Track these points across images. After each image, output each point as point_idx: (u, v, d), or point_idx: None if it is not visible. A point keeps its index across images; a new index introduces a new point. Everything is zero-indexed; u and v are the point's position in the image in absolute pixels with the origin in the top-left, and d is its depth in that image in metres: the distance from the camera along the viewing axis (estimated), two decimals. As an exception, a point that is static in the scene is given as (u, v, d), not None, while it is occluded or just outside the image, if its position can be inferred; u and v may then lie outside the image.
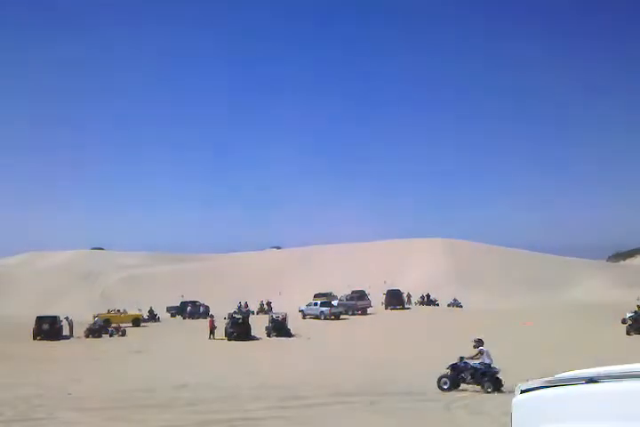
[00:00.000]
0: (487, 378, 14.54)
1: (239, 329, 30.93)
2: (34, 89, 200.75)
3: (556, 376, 3.24)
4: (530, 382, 3.30)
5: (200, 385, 16.18)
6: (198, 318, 46.72)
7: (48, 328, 33.68)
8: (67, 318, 36.47)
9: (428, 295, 56.15)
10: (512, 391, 3.43)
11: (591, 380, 2.85)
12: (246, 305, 53.60)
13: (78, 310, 48.59)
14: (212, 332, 31.63)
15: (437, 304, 54.27)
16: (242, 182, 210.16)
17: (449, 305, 52.98)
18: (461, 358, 15.03)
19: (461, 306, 52.02)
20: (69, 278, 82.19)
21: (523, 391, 3.35)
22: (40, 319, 34.35)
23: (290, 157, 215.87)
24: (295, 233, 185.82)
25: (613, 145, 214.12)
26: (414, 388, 15.22)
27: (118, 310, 44.95)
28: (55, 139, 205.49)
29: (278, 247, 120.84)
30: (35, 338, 33.01)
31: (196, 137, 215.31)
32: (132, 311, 44.96)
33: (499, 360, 15.06)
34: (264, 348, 28.08)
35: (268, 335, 31.91)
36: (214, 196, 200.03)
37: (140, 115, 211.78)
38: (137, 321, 42.65)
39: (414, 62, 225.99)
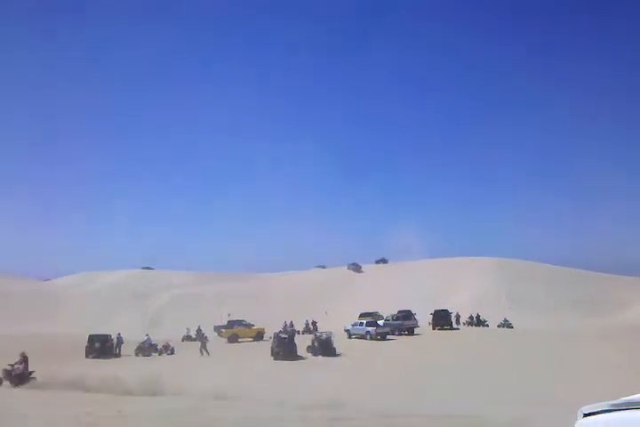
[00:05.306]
0: None
1: (285, 348, 30.87)
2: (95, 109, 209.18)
3: (622, 399, 3.02)
4: (593, 406, 3.08)
5: (245, 402, 16.11)
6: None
7: (100, 347, 34.49)
8: (119, 334, 37.37)
9: (478, 316, 54.86)
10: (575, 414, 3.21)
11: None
12: (292, 324, 53.56)
13: (129, 329, 49.65)
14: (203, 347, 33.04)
15: (487, 325, 52.87)
16: (290, 204, 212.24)
17: (499, 326, 51.49)
18: None
19: (512, 327, 50.45)
20: (121, 298, 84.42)
21: (586, 415, 3.14)
22: (92, 338, 35.23)
23: (334, 184, 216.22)
24: (340, 252, 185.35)
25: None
26: (458, 410, 14.67)
27: (247, 324, 45.71)
28: (106, 161, 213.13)
29: (323, 267, 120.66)
30: (87, 356, 33.83)
31: (242, 162, 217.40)
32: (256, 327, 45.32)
33: (570, 386, 14.41)
34: (309, 367, 27.82)
35: (314, 355, 31.67)
36: (261, 215, 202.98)
37: (195, 141, 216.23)
38: (260, 335, 42.98)
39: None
